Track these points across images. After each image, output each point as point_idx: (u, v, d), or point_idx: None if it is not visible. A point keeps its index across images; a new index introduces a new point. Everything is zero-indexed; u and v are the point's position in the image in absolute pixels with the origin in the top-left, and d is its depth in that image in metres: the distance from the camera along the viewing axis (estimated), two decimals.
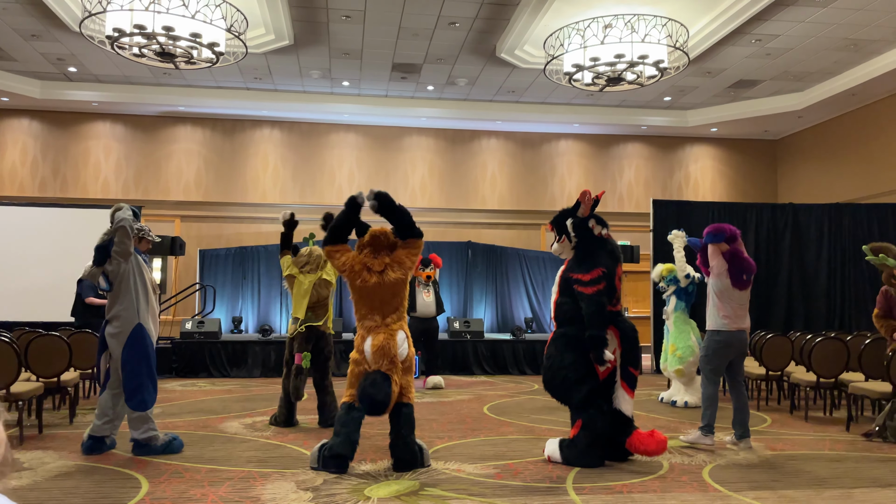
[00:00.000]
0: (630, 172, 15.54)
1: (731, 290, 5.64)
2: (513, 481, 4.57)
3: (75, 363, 6.73)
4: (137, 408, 5.19)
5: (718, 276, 5.66)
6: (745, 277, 5.64)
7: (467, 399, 8.31)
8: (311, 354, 6.37)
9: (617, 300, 5.18)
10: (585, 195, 5.23)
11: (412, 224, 4.92)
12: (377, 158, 14.85)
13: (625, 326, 5.09)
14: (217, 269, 13.41)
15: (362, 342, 4.82)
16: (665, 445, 4.86)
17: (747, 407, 5.71)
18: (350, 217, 4.94)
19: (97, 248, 5.22)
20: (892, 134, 12.43)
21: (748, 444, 5.63)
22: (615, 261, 5.17)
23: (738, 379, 5.80)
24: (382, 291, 4.82)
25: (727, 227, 5.71)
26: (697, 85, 12.83)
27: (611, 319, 5.08)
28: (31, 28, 10.53)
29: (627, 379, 5.03)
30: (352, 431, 4.72)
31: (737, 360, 5.77)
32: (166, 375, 10.20)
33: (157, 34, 8.80)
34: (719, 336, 5.67)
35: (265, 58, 11.70)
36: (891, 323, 6.57)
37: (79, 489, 4.32)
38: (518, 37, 10.64)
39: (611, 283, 5.09)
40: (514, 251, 14.27)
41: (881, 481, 4.67)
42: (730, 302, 5.65)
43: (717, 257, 5.69)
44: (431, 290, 9.49)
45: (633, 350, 5.07)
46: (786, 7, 9.50)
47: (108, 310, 5.26)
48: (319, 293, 6.44)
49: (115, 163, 14.11)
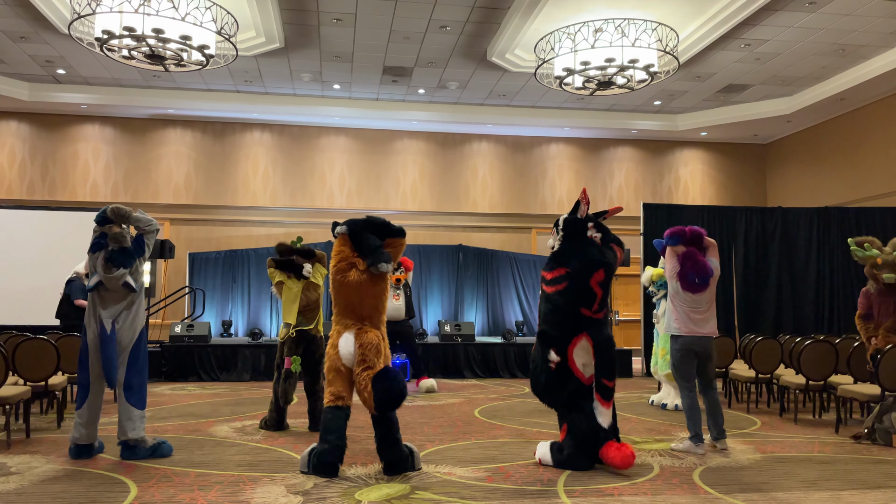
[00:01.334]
0: (620, 176, 15.59)
1: (681, 293, 5.59)
2: (504, 484, 4.57)
3: (63, 367, 6.67)
4: (139, 405, 5.22)
5: (671, 278, 5.65)
6: (696, 281, 5.53)
7: (458, 402, 8.30)
8: (301, 358, 6.35)
9: (599, 306, 5.07)
10: (584, 194, 5.26)
11: (388, 227, 4.96)
12: (368, 161, 14.83)
13: (599, 338, 4.99)
14: (207, 272, 13.36)
15: (338, 338, 4.81)
16: (631, 461, 4.79)
17: (720, 408, 5.70)
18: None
19: (121, 250, 5.27)
20: (881, 138, 12.53)
21: (724, 445, 5.64)
22: (595, 265, 5.04)
23: (707, 382, 5.75)
24: (361, 289, 4.80)
25: (688, 228, 5.64)
26: (687, 89, 12.89)
27: (586, 326, 5.02)
28: (20, 30, 10.47)
29: (601, 390, 4.94)
30: (339, 435, 4.71)
31: (702, 363, 5.69)
32: (155, 379, 10.13)
33: (146, 36, 8.77)
34: (677, 343, 5.66)
35: (256, 61, 11.67)
36: (870, 326, 6.62)
37: (67, 493, 4.28)
38: (509, 40, 10.66)
39: (579, 285, 5.00)
40: (505, 254, 14.28)
41: (870, 483, 4.70)
42: (681, 305, 5.59)
43: (672, 259, 5.66)
44: (402, 294, 9.41)
45: (606, 362, 4.97)
46: (775, 12, 9.57)
47: (123, 308, 5.27)
48: (308, 297, 6.42)
49: (104, 165, 14.04)
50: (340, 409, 4.75)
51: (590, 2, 9.52)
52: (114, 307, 5.24)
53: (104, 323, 5.19)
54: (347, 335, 4.78)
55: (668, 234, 5.70)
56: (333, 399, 4.75)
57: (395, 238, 4.97)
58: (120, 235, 5.32)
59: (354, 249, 4.86)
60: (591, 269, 5.05)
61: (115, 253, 5.25)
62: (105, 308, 5.23)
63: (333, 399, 4.75)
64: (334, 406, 4.75)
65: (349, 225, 4.93)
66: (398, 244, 4.98)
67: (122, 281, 5.24)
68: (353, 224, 4.93)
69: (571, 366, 5.03)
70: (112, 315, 5.21)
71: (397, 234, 4.98)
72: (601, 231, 5.25)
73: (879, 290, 6.67)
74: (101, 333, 5.18)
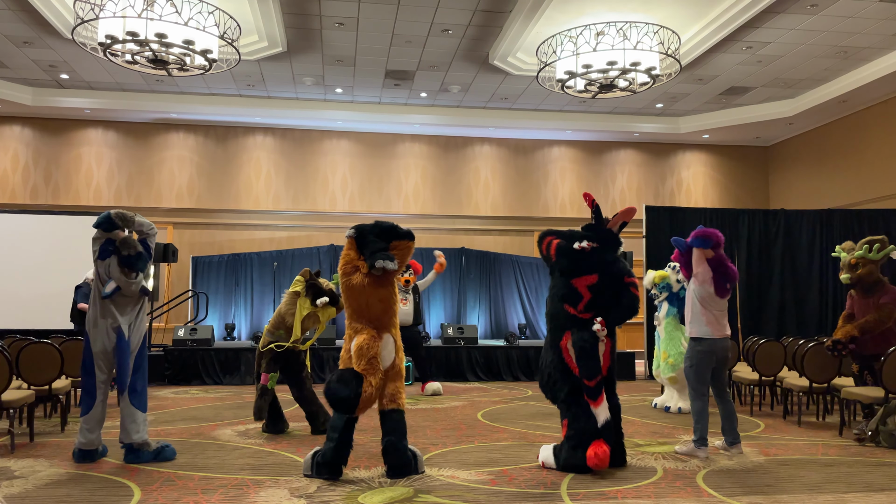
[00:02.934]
0: (622, 179, 15.59)
1: (714, 298, 5.62)
2: (507, 487, 4.56)
3: (67, 371, 6.68)
4: (143, 407, 5.26)
5: (703, 283, 5.62)
6: (727, 286, 5.61)
7: (461, 405, 8.30)
8: (279, 374, 6.35)
9: (585, 307, 5.07)
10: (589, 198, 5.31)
11: (394, 230, 4.94)
12: (370, 165, 14.86)
13: (576, 337, 5.02)
14: (209, 275, 13.38)
15: (349, 342, 4.83)
16: (596, 461, 4.76)
17: (734, 413, 5.70)
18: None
19: (138, 254, 5.30)
20: (883, 140, 12.52)
21: (739, 450, 5.64)
22: (586, 269, 5.12)
23: (721, 387, 5.77)
24: (366, 293, 4.81)
25: (715, 232, 5.67)
26: (689, 92, 12.90)
27: (570, 324, 5.08)
28: (23, 35, 10.51)
29: (585, 390, 4.95)
30: (343, 437, 4.71)
31: (719, 367, 5.72)
32: (159, 383, 10.15)
33: (149, 41, 8.80)
34: (701, 345, 5.63)
35: (258, 65, 11.70)
36: (847, 328, 6.63)
37: (70, 497, 4.29)
38: (511, 44, 10.68)
39: (565, 282, 5.15)
40: (508, 257, 14.29)
41: (874, 486, 4.69)
42: (712, 309, 5.62)
43: (703, 264, 5.64)
44: (410, 299, 9.30)
45: (581, 361, 4.97)
46: (777, 14, 9.58)
47: (135, 313, 5.32)
48: (304, 324, 6.38)
49: (107, 170, 14.07)
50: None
51: (592, 5, 9.54)
52: (129, 313, 5.29)
53: (122, 329, 5.22)
54: (357, 338, 4.81)
55: (697, 235, 5.64)
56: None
57: (402, 241, 4.95)
58: (130, 240, 5.33)
59: (359, 252, 4.87)
60: (580, 271, 5.09)
61: (132, 258, 5.26)
62: (123, 315, 5.25)
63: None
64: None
65: (357, 229, 4.95)
66: (404, 247, 4.95)
67: (140, 286, 5.28)
68: (360, 228, 4.95)
69: (569, 362, 5.05)
70: (129, 321, 5.26)
71: (404, 236, 4.96)
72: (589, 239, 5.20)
73: (858, 291, 6.76)
74: (120, 342, 5.20)
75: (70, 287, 9.55)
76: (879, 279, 6.64)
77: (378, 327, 4.84)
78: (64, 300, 9.18)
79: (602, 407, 4.95)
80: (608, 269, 5.13)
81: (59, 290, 10.79)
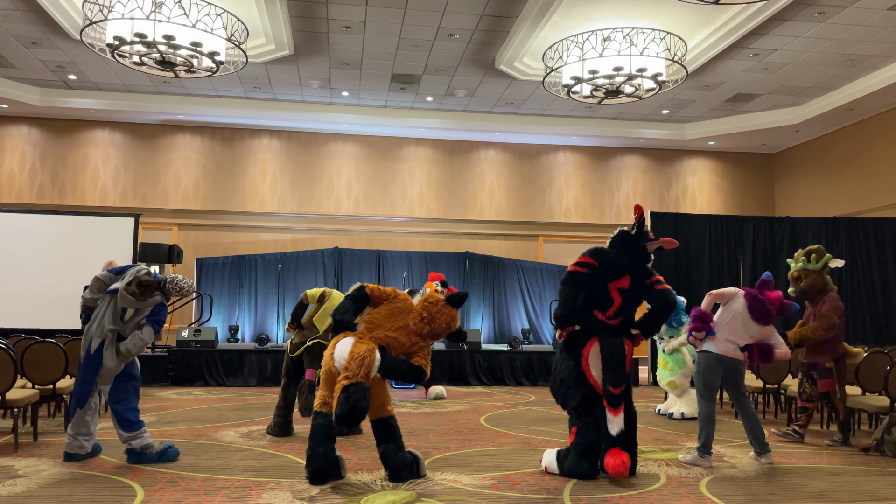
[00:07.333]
0: (627, 185, 15.58)
1: (750, 324, 5.61)
2: (510, 492, 4.56)
3: (71, 370, 6.69)
4: (131, 429, 5.22)
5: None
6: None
7: (464, 410, 8.29)
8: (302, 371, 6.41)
9: (615, 313, 5.07)
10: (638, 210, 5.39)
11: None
12: (375, 168, 14.88)
13: (606, 343, 4.99)
14: (214, 277, 13.41)
15: (335, 342, 4.78)
16: (620, 469, 4.78)
17: (757, 423, 5.65)
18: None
19: (150, 282, 5.29)
20: (889, 148, 12.50)
21: (770, 459, 5.60)
22: (620, 270, 5.14)
23: (738, 397, 5.75)
24: (392, 317, 4.87)
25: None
26: (695, 98, 12.89)
27: (598, 330, 5.06)
28: (32, 35, 10.56)
29: (608, 397, 4.91)
30: (320, 443, 4.61)
31: (732, 379, 5.68)
32: (162, 384, 10.18)
33: (157, 43, 8.84)
34: (708, 358, 5.63)
35: (265, 67, 11.74)
36: (803, 330, 6.63)
37: (73, 497, 4.30)
38: (517, 49, 10.69)
39: (599, 286, 5.12)
40: (512, 262, 14.28)
41: (878, 495, 4.67)
42: (744, 333, 5.63)
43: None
44: None
45: (610, 367, 4.93)
46: (784, 22, 9.57)
47: (132, 328, 5.31)
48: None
49: (113, 170, 14.12)
50: (326, 416, 4.63)
51: (598, 11, 9.55)
52: (110, 335, 5.28)
53: (91, 344, 5.26)
54: (347, 340, 4.75)
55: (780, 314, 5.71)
56: (320, 404, 4.66)
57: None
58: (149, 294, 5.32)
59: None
60: (613, 274, 5.08)
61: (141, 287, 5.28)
62: (99, 335, 5.26)
63: (320, 404, 4.66)
64: (319, 412, 4.66)
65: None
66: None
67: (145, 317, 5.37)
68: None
69: (586, 370, 5.02)
70: (107, 342, 5.28)
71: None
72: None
73: (808, 302, 6.79)
74: (86, 355, 5.26)
75: (74, 287, 9.55)
76: (823, 288, 6.62)
77: (380, 340, 4.80)
78: (69, 300, 9.18)
79: (620, 417, 4.91)
80: (638, 274, 5.17)
81: (64, 289, 10.80)
